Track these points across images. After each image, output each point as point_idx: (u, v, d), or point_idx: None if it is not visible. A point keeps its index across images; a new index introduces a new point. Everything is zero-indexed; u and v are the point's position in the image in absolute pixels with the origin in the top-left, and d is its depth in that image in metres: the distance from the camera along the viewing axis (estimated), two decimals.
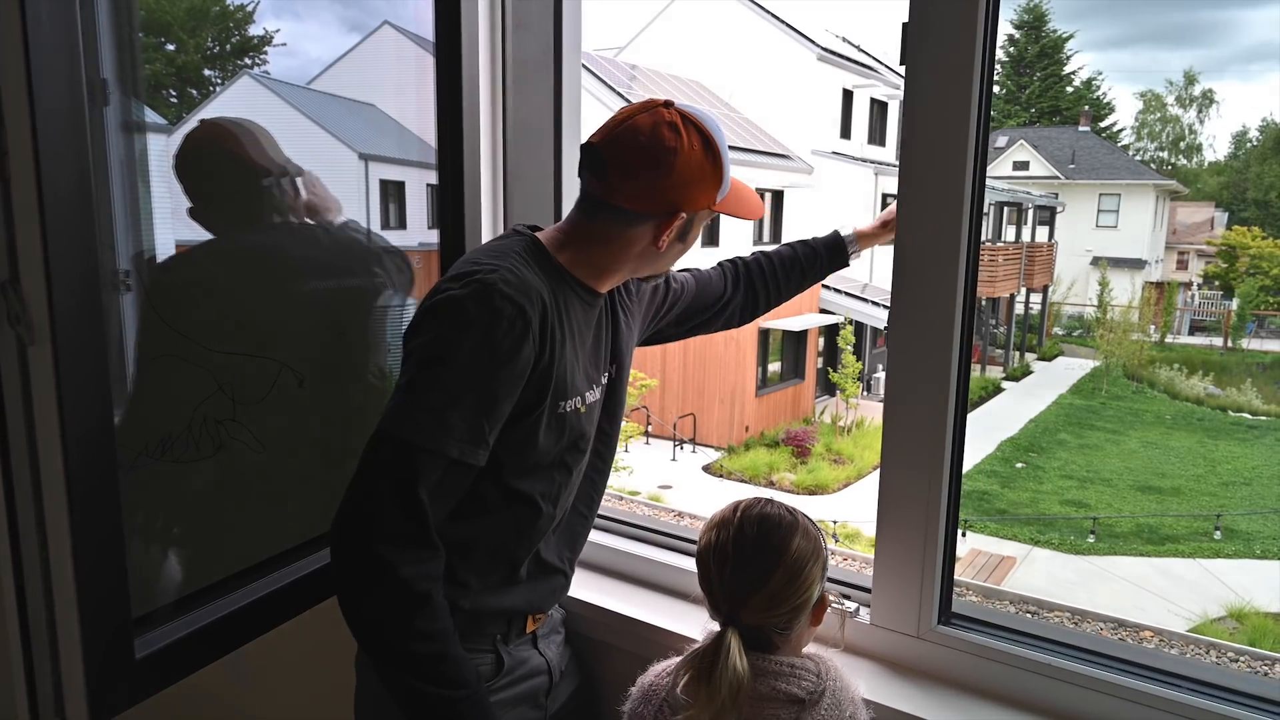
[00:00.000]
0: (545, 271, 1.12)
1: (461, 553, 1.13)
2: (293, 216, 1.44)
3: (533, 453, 1.13)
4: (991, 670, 1.14)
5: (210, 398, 1.25)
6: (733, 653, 1.01)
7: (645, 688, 1.16)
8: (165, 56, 1.32)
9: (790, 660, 1.07)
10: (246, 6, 1.46)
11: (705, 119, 1.13)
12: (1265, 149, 35.49)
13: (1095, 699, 1.08)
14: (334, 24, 1.58)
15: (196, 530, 1.28)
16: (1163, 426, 15.18)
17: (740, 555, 1.07)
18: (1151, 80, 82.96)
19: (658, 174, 1.09)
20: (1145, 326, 19.67)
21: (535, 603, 1.23)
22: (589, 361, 1.20)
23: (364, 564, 1.00)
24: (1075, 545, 9.98)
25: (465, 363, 1.02)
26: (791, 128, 17.84)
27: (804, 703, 1.03)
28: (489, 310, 1.02)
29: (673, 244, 1.17)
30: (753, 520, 1.09)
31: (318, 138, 1.53)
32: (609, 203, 1.12)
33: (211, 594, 1.19)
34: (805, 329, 14.50)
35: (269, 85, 1.49)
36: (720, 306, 1.43)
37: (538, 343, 1.06)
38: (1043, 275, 20.86)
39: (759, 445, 12.89)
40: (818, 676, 1.06)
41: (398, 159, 1.69)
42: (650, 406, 13.24)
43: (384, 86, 1.66)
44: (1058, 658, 1.11)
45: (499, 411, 1.05)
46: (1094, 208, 25.53)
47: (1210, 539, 10.29)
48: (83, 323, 0.93)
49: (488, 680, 1.18)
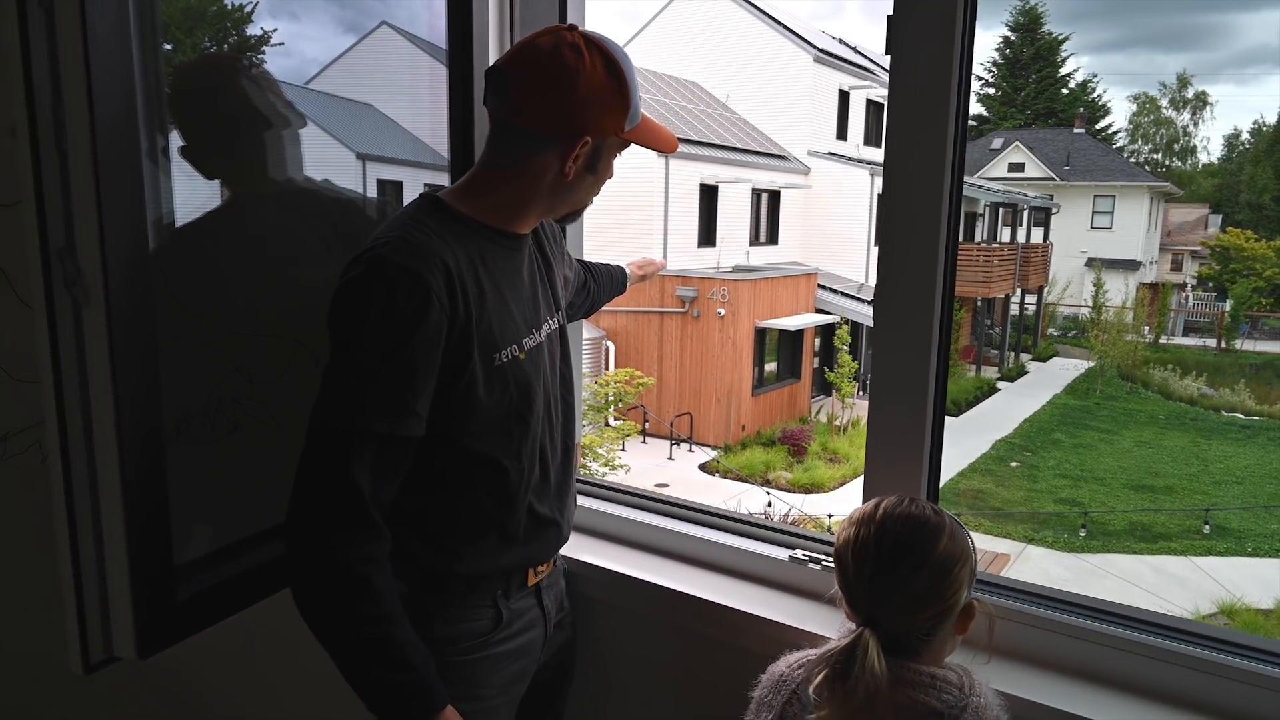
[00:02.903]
0: (448, 229, 1.11)
1: (445, 524, 1.16)
2: (294, 171, 1.42)
3: (479, 412, 1.13)
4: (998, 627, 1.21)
5: (226, 379, 1.27)
6: (871, 655, 0.95)
7: (776, 677, 1.10)
8: (162, 56, 1.30)
9: (932, 670, 1.00)
10: (244, 6, 1.44)
11: (610, 44, 1.12)
12: (1258, 152, 35.64)
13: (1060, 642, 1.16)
14: (331, 24, 1.57)
15: (219, 497, 1.33)
16: (1156, 426, 15.26)
17: (882, 554, 1.01)
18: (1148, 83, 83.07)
19: (559, 92, 1.08)
20: (1139, 327, 19.75)
21: (531, 557, 1.25)
22: (526, 307, 1.20)
23: (305, 550, 1.03)
24: (1069, 543, 10.06)
25: (372, 340, 1.03)
26: (788, 129, 17.93)
27: (943, 716, 0.97)
28: (385, 284, 1.03)
29: (581, 174, 1.15)
30: (898, 518, 1.03)
31: (315, 137, 1.52)
32: (513, 125, 1.12)
33: (240, 550, 1.26)
34: (801, 329, 14.59)
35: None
36: (585, 296, 1.54)
37: (446, 304, 1.06)
38: (1038, 276, 20.94)
39: (755, 444, 12.97)
40: (960, 690, 0.99)
41: (395, 159, 1.70)
42: (647, 405, 13.30)
43: (381, 86, 1.66)
44: (1065, 616, 1.19)
45: (420, 379, 1.06)
46: (1089, 209, 25.63)
47: (1202, 536, 10.38)
48: (132, 285, 1.01)
49: (485, 635, 1.21)
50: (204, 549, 1.21)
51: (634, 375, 11.88)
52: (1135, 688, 1.11)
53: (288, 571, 1.05)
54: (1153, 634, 1.12)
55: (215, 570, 1.21)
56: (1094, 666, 1.15)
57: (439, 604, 1.19)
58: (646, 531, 1.55)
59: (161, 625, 1.08)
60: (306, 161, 1.46)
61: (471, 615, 1.21)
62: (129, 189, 1.00)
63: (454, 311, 1.07)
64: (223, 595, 1.20)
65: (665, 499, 1.59)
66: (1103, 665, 1.14)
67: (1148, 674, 1.10)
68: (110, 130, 0.97)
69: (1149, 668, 1.10)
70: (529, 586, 1.27)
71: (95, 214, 0.96)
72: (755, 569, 1.43)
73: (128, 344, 1.01)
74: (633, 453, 12.10)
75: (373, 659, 1.05)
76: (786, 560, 1.40)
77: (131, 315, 1.01)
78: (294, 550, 1.04)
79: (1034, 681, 1.15)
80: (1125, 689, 1.11)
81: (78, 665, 1.05)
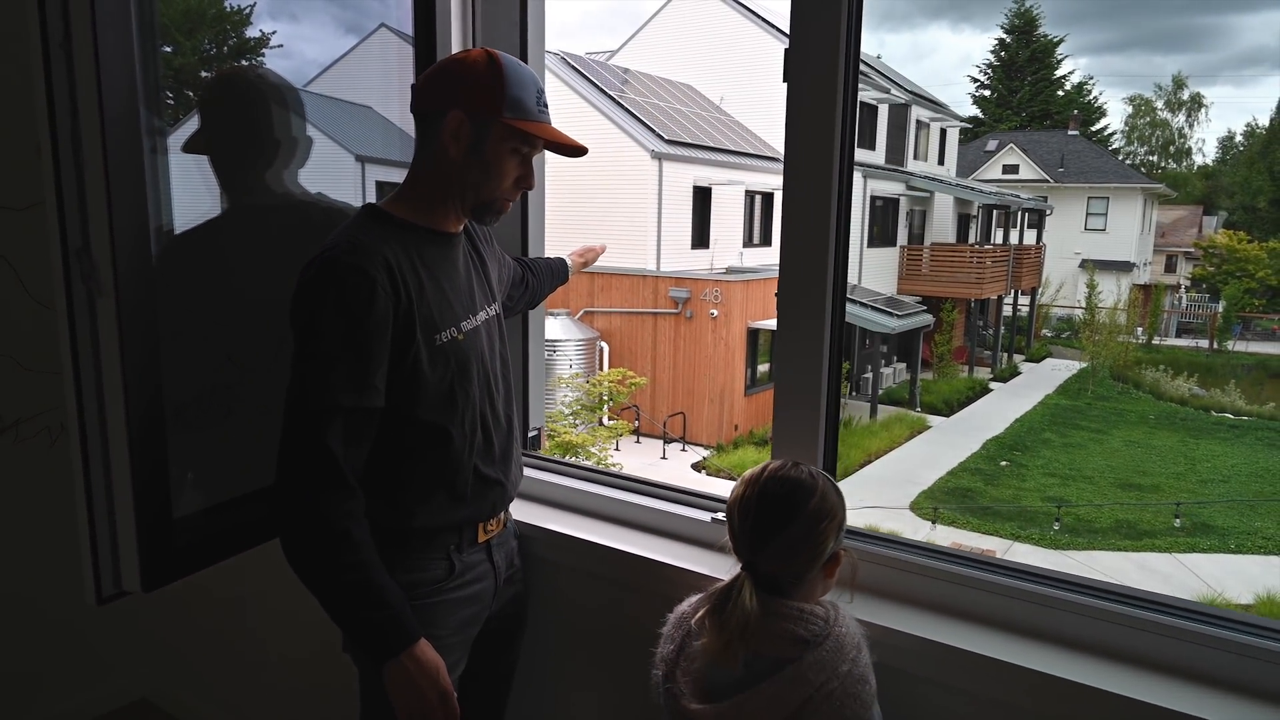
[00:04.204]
0: (388, 233, 1.28)
1: (402, 486, 1.33)
2: (290, 184, 1.53)
3: (426, 384, 1.30)
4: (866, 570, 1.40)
5: (220, 367, 1.42)
6: (745, 593, 1.12)
7: (679, 614, 1.26)
8: (162, 59, 1.36)
9: (801, 606, 1.14)
10: (243, 9, 1.49)
11: (506, 57, 1.30)
12: (1252, 154, 35.80)
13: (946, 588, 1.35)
14: (330, 26, 1.61)
15: (215, 466, 1.51)
16: (1146, 426, 15.36)
17: (762, 509, 1.16)
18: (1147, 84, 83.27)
19: (439, 77, 1.30)
20: (1132, 328, 19.89)
21: (479, 513, 1.42)
22: (463, 295, 1.38)
23: (292, 510, 1.20)
24: (1055, 540, 10.20)
25: (329, 328, 1.19)
26: (782, 131, 18.05)
27: (808, 644, 1.11)
28: (335, 281, 1.20)
29: (467, 156, 1.29)
30: (778, 480, 1.18)
31: (315, 139, 1.57)
32: (415, 114, 1.32)
33: (229, 508, 1.45)
34: None
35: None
36: (524, 290, 1.70)
37: (390, 292, 1.23)
38: (1031, 277, 21.08)
39: (748, 444, 13.10)
40: (825, 622, 1.14)
41: (394, 161, 1.73)
42: (641, 405, 13.46)
43: (380, 89, 1.71)
44: (922, 558, 1.38)
45: (375, 357, 1.22)
46: (1083, 211, 25.73)
47: (1185, 532, 10.53)
48: (137, 278, 1.20)
49: (439, 582, 1.38)
50: (198, 505, 1.40)
51: (626, 375, 12.02)
52: (975, 617, 1.31)
53: (277, 529, 1.21)
54: (991, 572, 1.32)
55: (208, 523, 1.40)
56: (942, 600, 1.36)
57: (399, 556, 1.36)
58: (592, 500, 1.74)
59: (162, 566, 1.28)
60: (306, 165, 1.55)
61: (428, 565, 1.37)
62: (134, 197, 1.20)
63: (397, 299, 1.24)
64: (214, 544, 1.40)
65: (608, 472, 1.79)
66: (949, 599, 1.35)
67: (987, 605, 1.31)
68: (119, 149, 1.17)
69: (987, 600, 1.31)
70: (480, 543, 1.44)
71: (106, 218, 1.16)
72: (683, 530, 1.62)
73: (134, 328, 1.21)
74: (626, 452, 12.22)
75: (355, 600, 1.22)
76: (709, 521, 1.59)
77: (137, 305, 1.21)
78: (282, 511, 1.21)
79: (895, 613, 1.34)
80: (968, 619, 1.31)
81: (92, 598, 1.24)
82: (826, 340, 1.40)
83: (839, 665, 1.11)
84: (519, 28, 1.79)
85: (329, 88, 1.60)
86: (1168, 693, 1.12)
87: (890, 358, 17.42)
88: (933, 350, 17.60)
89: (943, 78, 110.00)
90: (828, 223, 1.37)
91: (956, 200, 20.43)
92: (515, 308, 1.71)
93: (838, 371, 1.42)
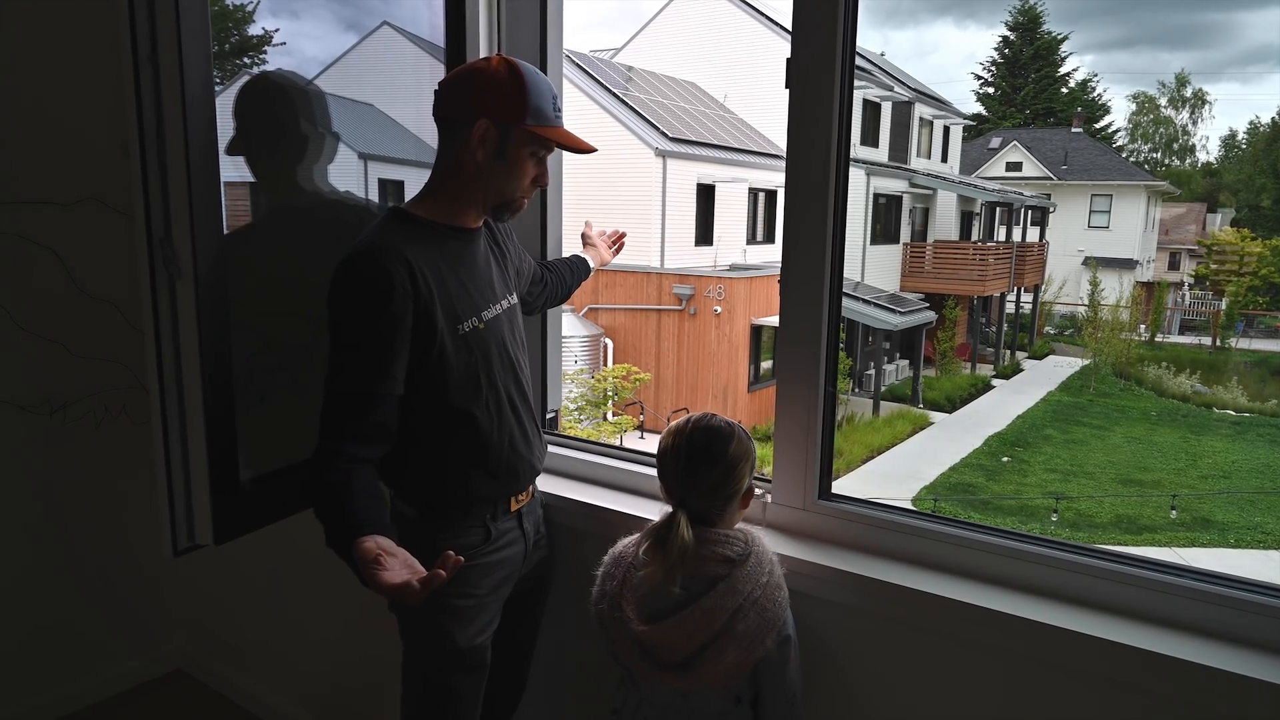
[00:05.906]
0: (410, 232, 1.38)
1: (442, 464, 1.46)
2: (320, 182, 1.60)
3: (453, 371, 1.41)
4: (854, 529, 1.55)
5: (257, 353, 1.50)
6: (681, 526, 1.30)
7: (615, 554, 1.44)
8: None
9: (725, 532, 1.35)
10: (245, 6, 1.51)
11: (524, 64, 1.39)
12: (1256, 151, 35.78)
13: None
14: (332, 23, 1.62)
15: (269, 434, 1.63)
16: (1148, 422, 15.36)
17: (691, 455, 1.35)
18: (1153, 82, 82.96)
19: (463, 85, 1.39)
20: (1135, 325, 19.91)
21: (510, 488, 1.55)
22: (484, 284, 1.48)
23: (317, 453, 1.31)
24: (1055, 534, 10.32)
25: (355, 322, 1.32)
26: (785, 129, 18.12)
27: (735, 562, 1.32)
28: (359, 279, 1.32)
29: (492, 159, 1.39)
30: (701, 430, 1.37)
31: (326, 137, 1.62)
32: (438, 120, 1.41)
33: (286, 473, 1.60)
34: None
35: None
36: (542, 288, 1.79)
37: (409, 288, 1.33)
38: (1034, 275, 21.10)
39: None
40: (745, 544, 1.35)
41: (397, 158, 1.77)
42: (644, 401, 13.58)
43: (383, 86, 1.73)
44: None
45: (395, 348, 1.33)
46: (1086, 208, 25.68)
47: (1188, 529, 10.62)
48: (212, 263, 1.36)
49: (476, 547, 1.49)
50: (259, 470, 1.55)
51: (631, 371, 12.13)
52: (860, 547, 1.55)
53: (308, 479, 1.31)
54: (877, 510, 1.54)
55: (258, 490, 1.55)
56: (836, 535, 1.58)
57: (442, 525, 1.50)
58: (607, 472, 1.90)
59: (232, 521, 1.44)
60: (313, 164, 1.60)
61: (466, 533, 1.51)
62: (210, 194, 1.35)
63: (417, 295, 1.35)
64: (274, 504, 1.55)
65: (617, 447, 1.97)
66: (840, 533, 1.58)
67: (871, 538, 1.54)
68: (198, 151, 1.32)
69: (871, 533, 1.55)
70: (511, 512, 1.57)
71: (187, 211, 1.31)
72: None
73: (208, 308, 1.36)
74: (630, 446, 12.30)
75: (326, 504, 1.28)
76: None
77: (211, 286, 1.36)
78: (316, 459, 1.32)
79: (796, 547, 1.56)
80: (855, 548, 1.55)
81: (169, 550, 1.40)
82: (824, 336, 1.54)
83: (760, 576, 1.32)
84: (539, 34, 1.90)
85: (331, 85, 1.64)
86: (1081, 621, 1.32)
87: (893, 354, 17.51)
88: (935, 347, 17.69)
89: (947, 75, 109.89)
90: (825, 222, 1.51)
91: (960, 198, 20.50)
92: (535, 304, 1.82)
93: (834, 361, 1.57)
